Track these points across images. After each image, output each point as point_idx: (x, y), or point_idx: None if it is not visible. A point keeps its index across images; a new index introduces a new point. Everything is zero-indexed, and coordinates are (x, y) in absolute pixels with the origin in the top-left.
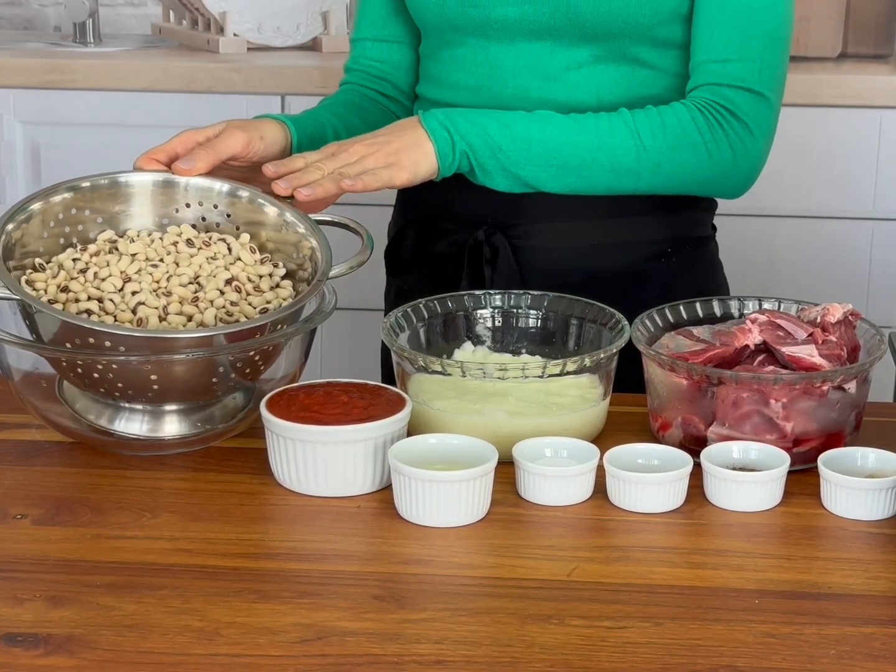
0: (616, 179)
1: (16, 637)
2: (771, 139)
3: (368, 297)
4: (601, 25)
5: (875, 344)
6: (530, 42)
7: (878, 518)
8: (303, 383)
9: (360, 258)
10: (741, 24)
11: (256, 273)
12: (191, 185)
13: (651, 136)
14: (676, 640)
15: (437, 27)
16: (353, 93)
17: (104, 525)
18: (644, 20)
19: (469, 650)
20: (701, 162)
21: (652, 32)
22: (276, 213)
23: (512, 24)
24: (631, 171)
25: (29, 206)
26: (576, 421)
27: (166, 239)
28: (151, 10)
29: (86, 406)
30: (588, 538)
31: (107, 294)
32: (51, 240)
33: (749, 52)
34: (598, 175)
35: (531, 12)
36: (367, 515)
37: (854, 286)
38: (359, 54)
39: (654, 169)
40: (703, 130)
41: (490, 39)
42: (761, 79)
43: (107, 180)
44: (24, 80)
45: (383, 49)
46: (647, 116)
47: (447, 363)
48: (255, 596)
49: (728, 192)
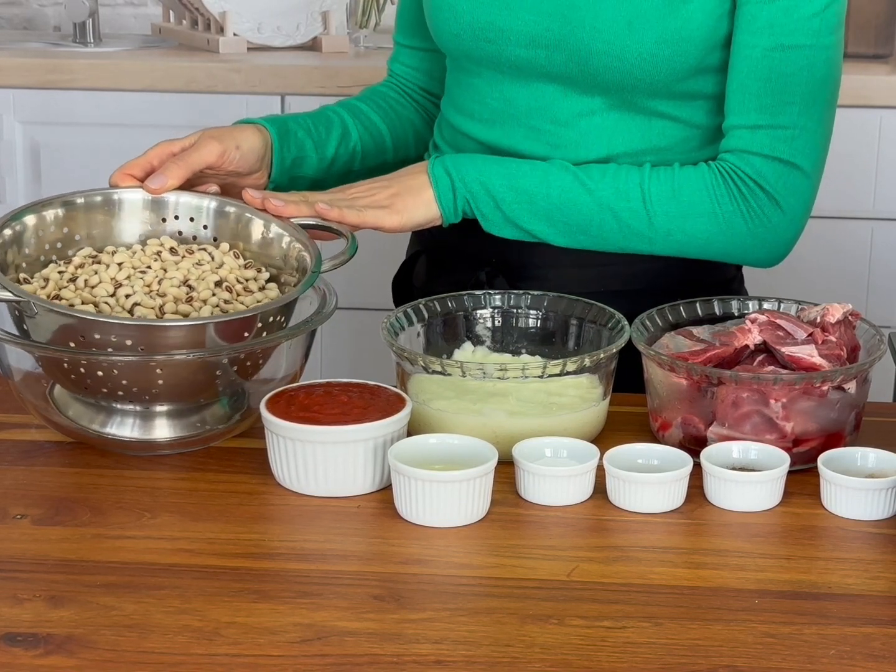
0: (627, 241)
1: (16, 637)
2: (804, 211)
3: (368, 297)
4: (614, 80)
5: (875, 344)
6: (543, 84)
7: (878, 518)
8: (303, 383)
9: (343, 257)
10: (773, 89)
11: (243, 276)
12: (181, 202)
13: (661, 202)
14: (676, 640)
15: (454, 55)
16: (391, 88)
17: (104, 525)
18: (660, 77)
19: (469, 650)
20: (717, 233)
21: (669, 88)
22: (261, 226)
23: (524, 64)
24: (642, 235)
25: (7, 227)
26: (576, 421)
27: (148, 250)
28: (151, 10)
29: (78, 412)
30: (588, 538)
31: (101, 298)
32: (31, 257)
33: (782, 119)
34: (607, 235)
35: (542, 56)
36: (367, 515)
37: (854, 286)
38: (396, 56)
39: (666, 236)
40: (721, 201)
41: (504, 75)
42: (794, 147)
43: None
44: (24, 80)
45: (415, 56)
46: (662, 180)
47: (447, 363)
48: (255, 596)
49: (754, 262)
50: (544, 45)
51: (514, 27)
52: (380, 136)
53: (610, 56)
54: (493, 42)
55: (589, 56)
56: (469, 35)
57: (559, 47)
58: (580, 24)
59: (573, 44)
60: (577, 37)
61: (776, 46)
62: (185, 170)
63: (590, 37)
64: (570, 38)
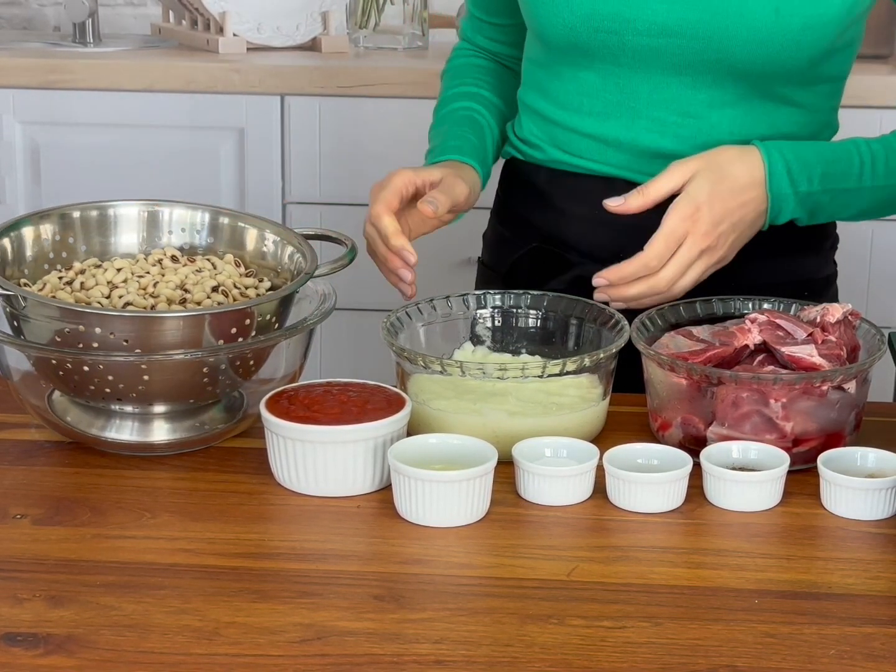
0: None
1: (15, 637)
2: None
3: (368, 297)
4: (754, 68)
5: (875, 344)
6: (668, 76)
7: (878, 518)
8: (303, 383)
9: (343, 261)
10: None
11: (242, 283)
12: (174, 215)
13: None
14: (676, 640)
15: (562, 48)
16: (490, 61)
17: (104, 525)
18: (800, 63)
19: (469, 650)
20: None
21: (804, 73)
22: (256, 234)
23: (650, 54)
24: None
25: (15, 230)
26: (575, 421)
27: (150, 259)
28: (151, 10)
29: (77, 416)
30: (588, 538)
31: (95, 299)
32: (34, 264)
33: None
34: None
35: (675, 46)
36: (366, 515)
37: (854, 286)
38: (480, 30)
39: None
40: None
41: (622, 67)
42: None
43: (96, 211)
44: (24, 80)
45: (504, 32)
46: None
47: (447, 363)
48: (255, 596)
49: None
50: (677, 33)
51: (642, 16)
52: (503, 119)
53: (754, 44)
54: (616, 33)
55: (731, 44)
56: (586, 27)
57: (696, 36)
58: (723, 12)
59: (713, 32)
60: (718, 24)
61: None
62: (450, 202)
63: (734, 24)
64: (709, 26)
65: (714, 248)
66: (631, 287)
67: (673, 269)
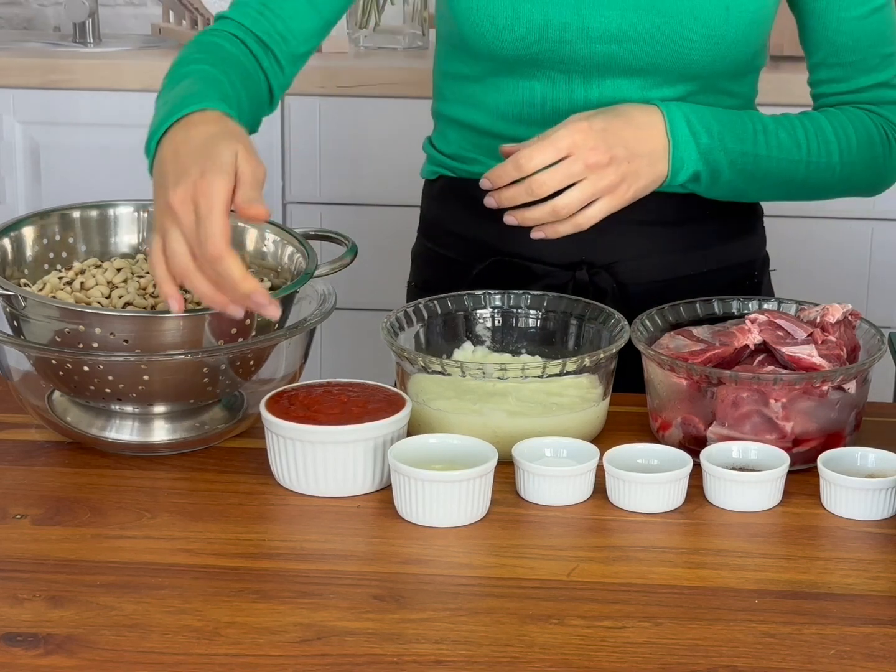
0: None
1: (15, 637)
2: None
3: (368, 297)
4: (706, 66)
5: (875, 344)
6: (619, 79)
7: (878, 518)
8: (303, 383)
9: (343, 261)
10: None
11: None
12: None
13: (855, 151)
14: (676, 640)
15: (507, 60)
16: (230, 42)
17: (104, 525)
18: (746, 57)
19: (469, 650)
20: (873, 169)
21: (747, 66)
22: (256, 235)
23: (602, 60)
24: (829, 182)
25: (15, 230)
26: (575, 421)
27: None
28: (151, 10)
29: (77, 416)
30: (588, 538)
31: (95, 300)
32: (34, 264)
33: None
34: (810, 188)
35: (628, 51)
36: (367, 515)
37: (854, 286)
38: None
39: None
40: (883, 146)
41: (572, 74)
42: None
43: (96, 211)
44: (24, 80)
45: (286, 5)
46: (855, 129)
47: (447, 363)
48: (255, 596)
49: (872, 191)
50: (631, 39)
51: (595, 24)
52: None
53: (709, 42)
54: (567, 42)
55: (685, 45)
56: (537, 37)
57: (651, 40)
58: (677, 15)
59: (668, 35)
60: (673, 27)
61: (871, 10)
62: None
63: (689, 26)
64: (663, 30)
65: (605, 168)
66: (509, 189)
67: (553, 175)
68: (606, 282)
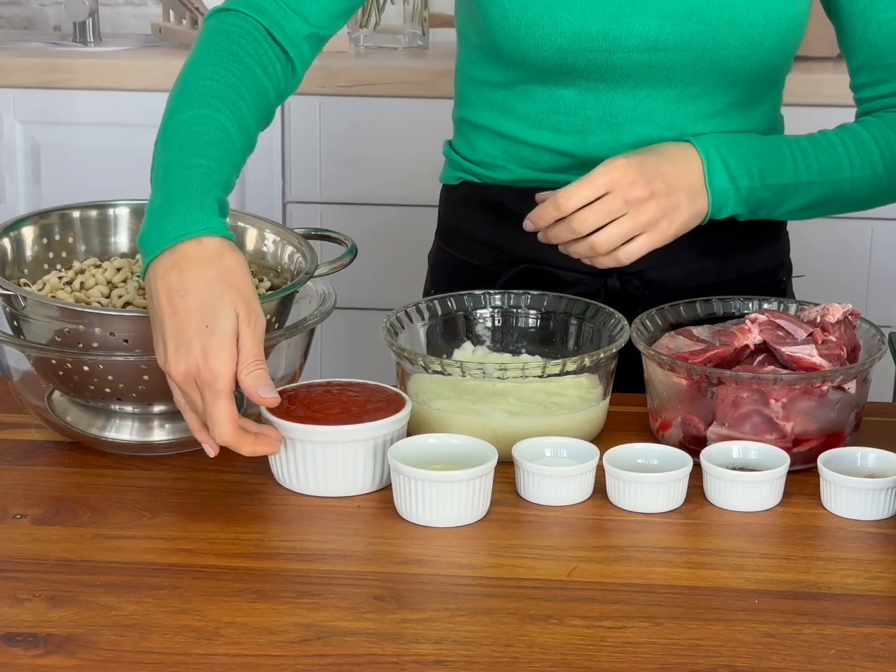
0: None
1: (15, 637)
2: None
3: (368, 297)
4: (745, 74)
5: (875, 344)
6: (655, 89)
7: (878, 518)
8: (303, 383)
9: (343, 261)
10: None
11: None
12: None
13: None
14: (676, 640)
15: (543, 69)
16: (244, 37)
17: (104, 525)
18: (783, 63)
19: (469, 650)
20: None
21: (783, 73)
22: (256, 235)
23: (639, 70)
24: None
25: (15, 230)
26: (575, 421)
27: None
28: (151, 10)
29: (77, 416)
30: (588, 538)
31: (95, 300)
32: (34, 264)
33: None
34: (856, 202)
35: (666, 60)
36: (367, 515)
37: (854, 286)
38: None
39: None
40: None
41: (607, 83)
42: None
43: (96, 211)
44: (24, 79)
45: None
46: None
47: (447, 363)
48: (255, 596)
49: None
50: (669, 48)
51: (633, 33)
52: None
53: (747, 50)
54: (604, 51)
55: (724, 53)
56: (574, 47)
57: (689, 48)
58: (716, 22)
59: (706, 42)
60: (712, 35)
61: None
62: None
63: (727, 33)
64: (703, 37)
65: (645, 203)
66: (552, 228)
67: (593, 213)
68: (638, 289)
